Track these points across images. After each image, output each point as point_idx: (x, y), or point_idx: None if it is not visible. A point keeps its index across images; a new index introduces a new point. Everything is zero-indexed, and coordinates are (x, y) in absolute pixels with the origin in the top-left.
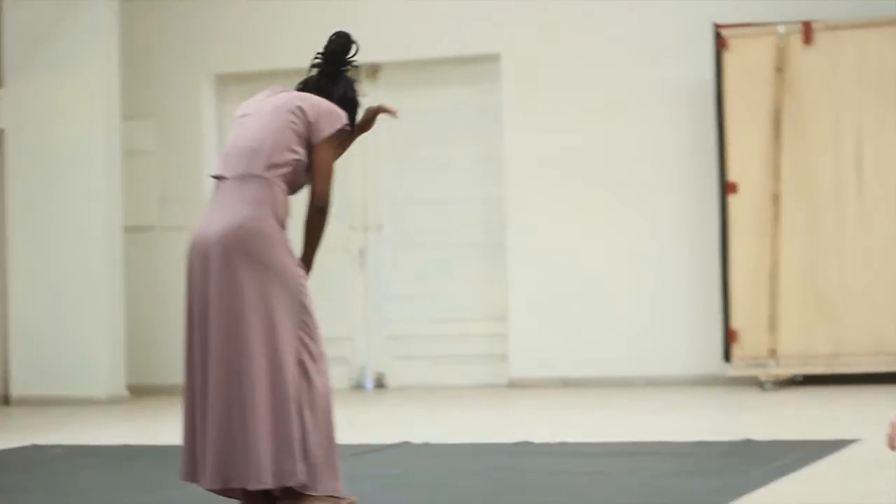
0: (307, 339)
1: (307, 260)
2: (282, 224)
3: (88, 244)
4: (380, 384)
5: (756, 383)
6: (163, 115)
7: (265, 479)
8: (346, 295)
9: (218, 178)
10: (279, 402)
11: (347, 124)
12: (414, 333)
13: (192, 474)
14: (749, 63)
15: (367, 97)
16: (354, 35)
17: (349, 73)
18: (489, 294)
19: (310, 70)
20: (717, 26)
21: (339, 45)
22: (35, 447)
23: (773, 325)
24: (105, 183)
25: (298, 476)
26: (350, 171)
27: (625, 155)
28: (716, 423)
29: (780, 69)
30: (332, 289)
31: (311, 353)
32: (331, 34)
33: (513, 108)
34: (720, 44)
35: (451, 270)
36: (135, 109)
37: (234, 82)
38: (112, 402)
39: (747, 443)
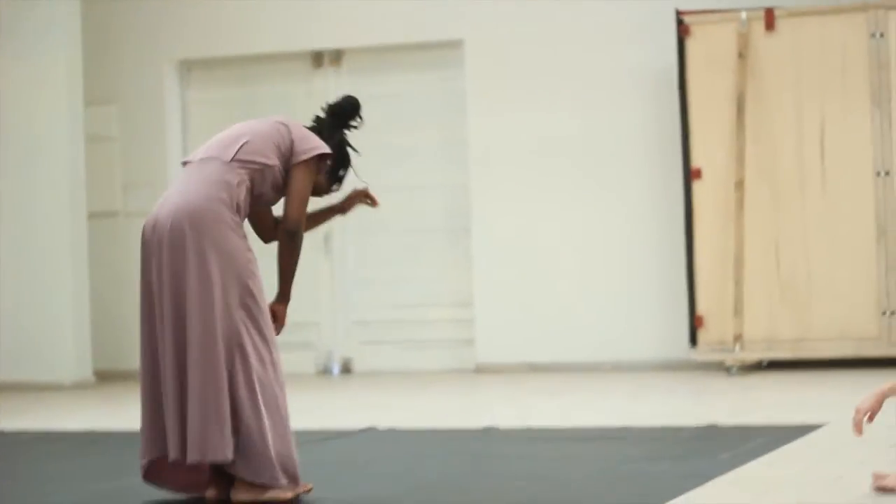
0: (249, 323)
1: (284, 290)
2: (236, 209)
3: (53, 230)
4: (346, 369)
5: (722, 368)
6: (126, 100)
7: (194, 454)
8: (312, 280)
9: (184, 163)
10: (209, 380)
11: (329, 157)
12: (380, 319)
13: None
14: (712, 49)
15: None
16: (316, 22)
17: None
18: (455, 279)
19: (314, 119)
20: (680, 13)
21: (349, 106)
22: (0, 433)
23: (738, 311)
24: (69, 169)
25: (225, 453)
26: None
27: (589, 141)
28: (682, 408)
29: (742, 56)
30: (297, 274)
31: (252, 337)
32: (344, 95)
33: (476, 95)
34: (682, 30)
35: (417, 256)
36: (98, 95)
37: (197, 68)
38: (78, 387)
39: (714, 427)
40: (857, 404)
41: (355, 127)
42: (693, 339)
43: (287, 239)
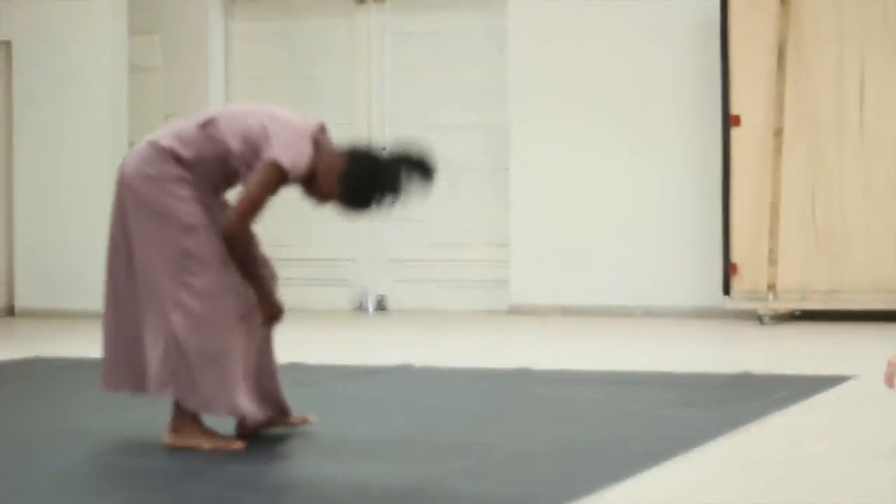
0: (189, 280)
1: (248, 280)
2: (187, 166)
3: (95, 158)
4: (381, 307)
5: (755, 317)
6: (169, 30)
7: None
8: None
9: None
10: (150, 314)
11: (279, 169)
12: (415, 257)
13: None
14: None
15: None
16: None
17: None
18: (491, 220)
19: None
20: None
21: (426, 166)
22: (38, 359)
23: (772, 260)
24: (111, 98)
25: (160, 383)
26: (355, 93)
27: (629, 85)
28: (714, 356)
29: (784, 1)
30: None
31: (194, 293)
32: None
33: (518, 35)
34: None
35: (454, 194)
36: (141, 24)
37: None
38: None
39: (745, 376)
40: (889, 357)
41: (415, 182)
42: (727, 288)
43: (225, 242)
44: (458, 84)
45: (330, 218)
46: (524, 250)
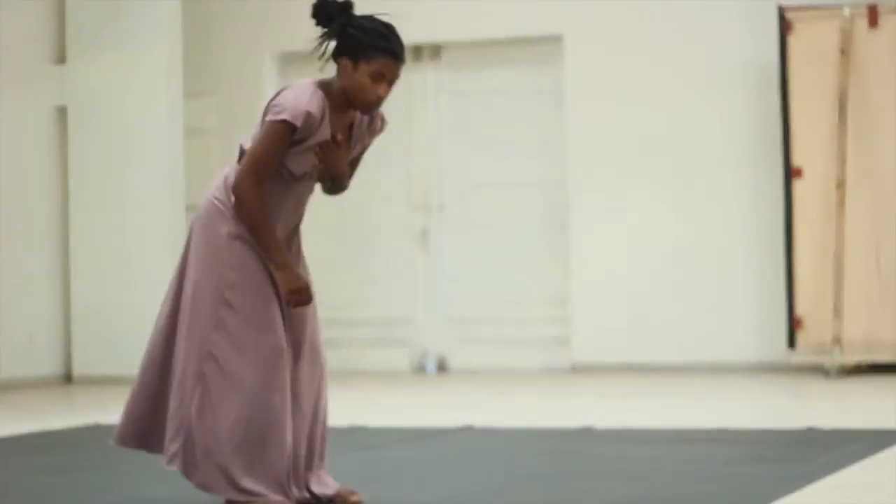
0: (222, 335)
1: (261, 247)
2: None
3: (151, 222)
4: (442, 367)
5: (821, 371)
6: (225, 92)
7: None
8: (408, 276)
9: None
10: (172, 379)
11: (281, 121)
12: (476, 316)
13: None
14: (814, 46)
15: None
16: (416, 16)
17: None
18: (552, 277)
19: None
20: (782, 8)
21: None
22: (97, 426)
23: (837, 312)
24: (168, 161)
25: (170, 454)
26: (412, 151)
27: (688, 138)
28: (781, 411)
29: (844, 52)
30: (393, 270)
31: (226, 347)
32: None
33: (575, 90)
34: (785, 26)
35: (513, 253)
36: (197, 87)
37: (297, 60)
38: None
39: (812, 431)
40: None
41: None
42: (791, 341)
43: (234, 202)
44: (515, 141)
45: (389, 278)
46: (586, 307)
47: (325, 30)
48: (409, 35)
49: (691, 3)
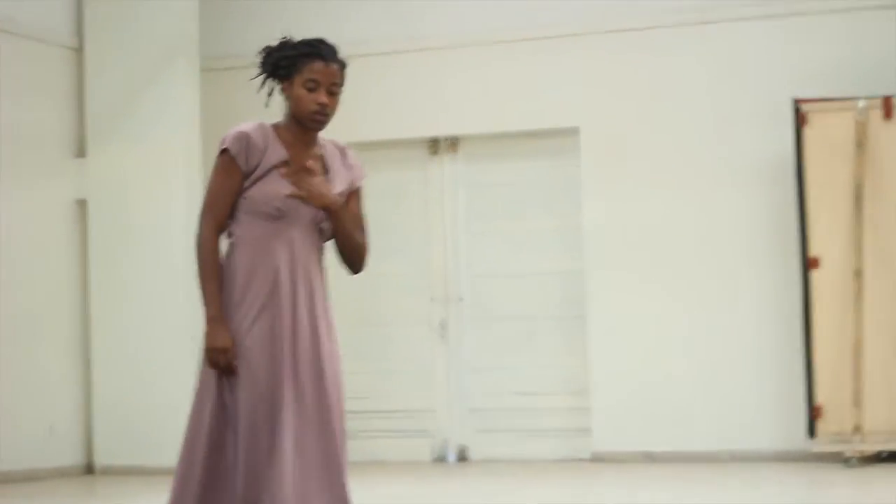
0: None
1: (202, 298)
2: (239, 269)
3: (171, 313)
4: (462, 457)
5: (841, 459)
6: None
7: None
8: (428, 367)
9: None
10: None
11: (220, 153)
12: (496, 406)
13: None
14: (829, 138)
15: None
16: (434, 109)
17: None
18: (570, 367)
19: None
20: (797, 101)
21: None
22: None
23: (857, 401)
24: (187, 253)
25: None
26: (430, 243)
27: (705, 229)
28: (801, 500)
29: (860, 144)
30: (413, 361)
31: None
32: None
33: (592, 182)
34: (800, 119)
35: (532, 343)
36: None
37: None
38: None
39: None
40: None
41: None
42: (811, 430)
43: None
44: (532, 232)
45: (409, 369)
46: (605, 397)
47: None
48: (427, 128)
49: (707, 95)
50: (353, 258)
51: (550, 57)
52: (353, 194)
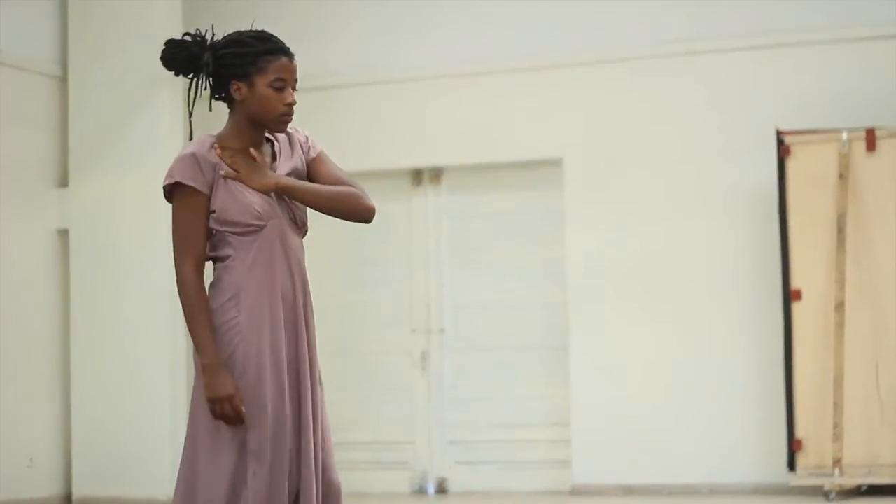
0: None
1: (194, 345)
2: (228, 296)
3: (152, 344)
4: (441, 489)
5: (821, 493)
6: None
7: None
8: (408, 398)
9: None
10: None
11: (171, 187)
12: (476, 438)
13: None
14: (812, 170)
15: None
16: (417, 141)
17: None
18: (551, 398)
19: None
20: (780, 133)
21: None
22: None
23: (837, 434)
24: (169, 283)
25: None
26: (412, 273)
27: (688, 260)
28: None
29: (843, 176)
30: (393, 392)
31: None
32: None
33: (575, 213)
34: (783, 150)
35: (514, 375)
36: None
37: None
38: None
39: None
40: None
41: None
42: (791, 463)
43: None
44: (515, 263)
45: (389, 400)
46: (586, 430)
47: (193, 73)
48: (410, 159)
49: (691, 127)
50: (346, 210)
51: (534, 88)
52: (316, 162)
